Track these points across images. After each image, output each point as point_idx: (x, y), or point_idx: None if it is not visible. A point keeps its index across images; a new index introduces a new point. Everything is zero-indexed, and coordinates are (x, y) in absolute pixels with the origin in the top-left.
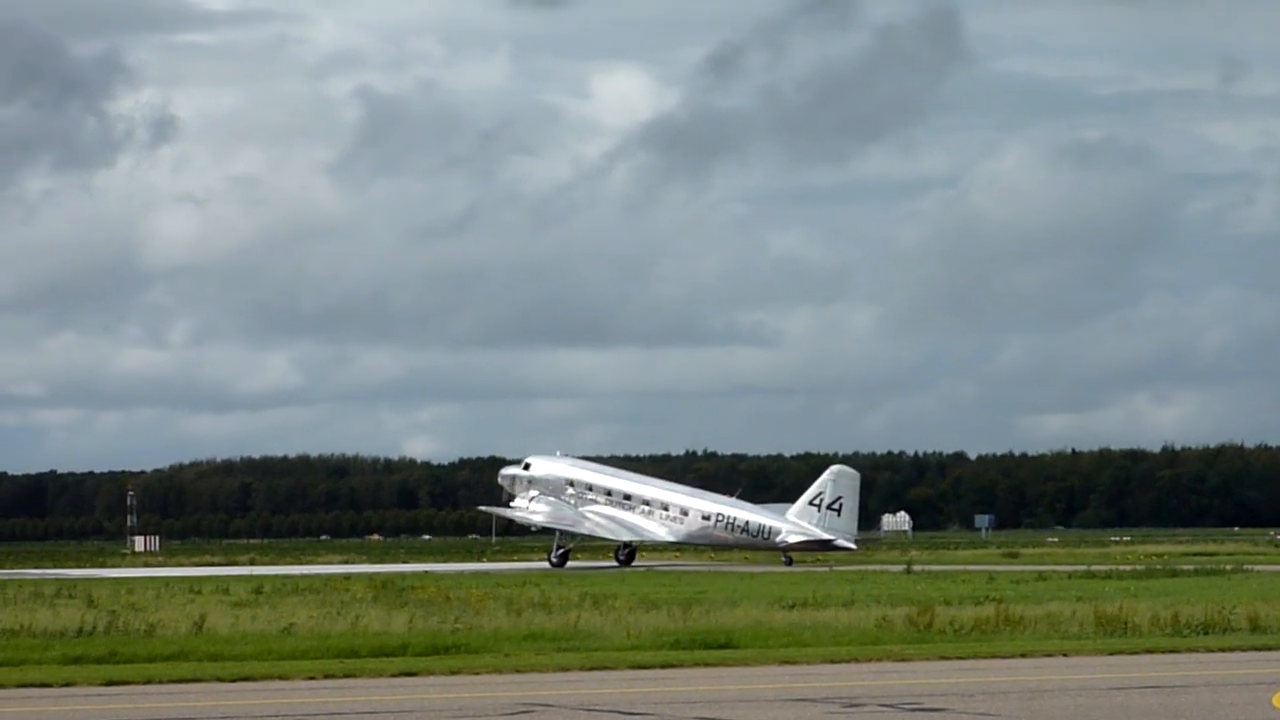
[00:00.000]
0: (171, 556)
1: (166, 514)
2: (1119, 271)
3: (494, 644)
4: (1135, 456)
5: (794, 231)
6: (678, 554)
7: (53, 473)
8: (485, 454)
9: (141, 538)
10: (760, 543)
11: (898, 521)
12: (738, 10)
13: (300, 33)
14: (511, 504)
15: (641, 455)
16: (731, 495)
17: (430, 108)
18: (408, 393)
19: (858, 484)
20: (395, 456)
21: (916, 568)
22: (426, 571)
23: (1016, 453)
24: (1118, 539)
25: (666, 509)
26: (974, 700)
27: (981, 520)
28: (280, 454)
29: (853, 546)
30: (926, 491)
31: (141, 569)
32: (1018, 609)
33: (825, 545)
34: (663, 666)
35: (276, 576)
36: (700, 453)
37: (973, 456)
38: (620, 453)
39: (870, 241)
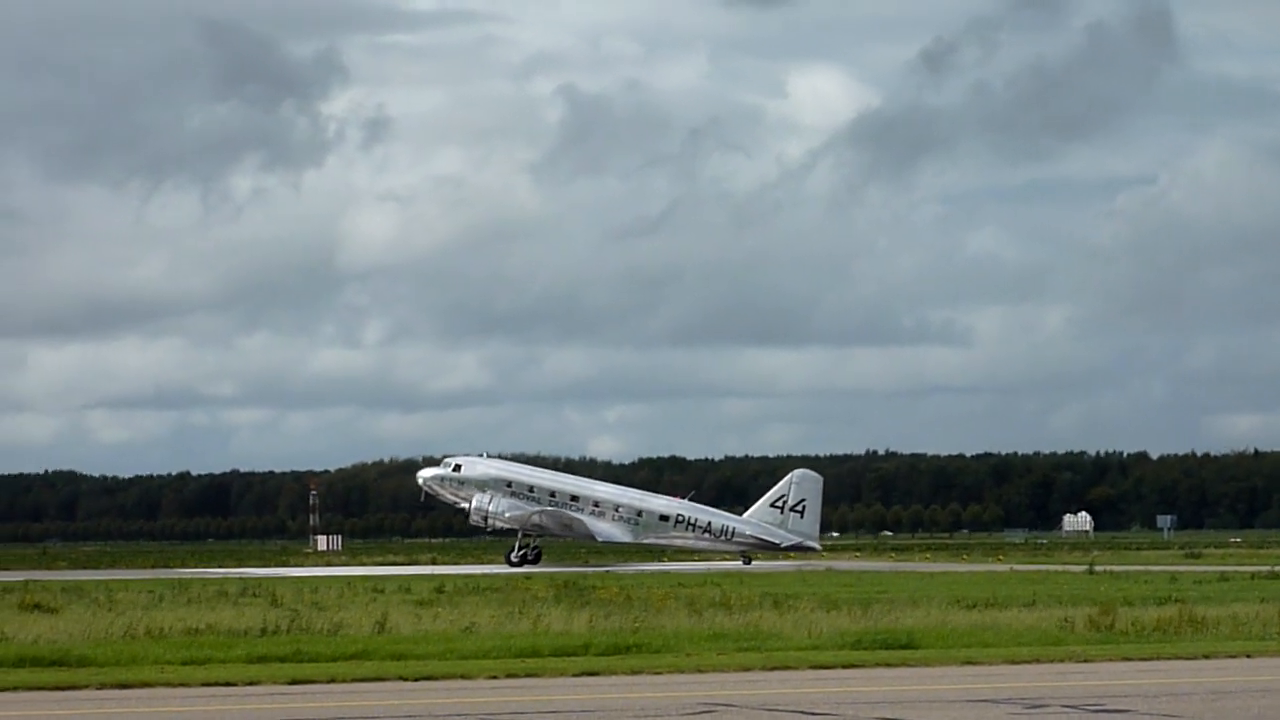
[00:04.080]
0: (354, 556)
1: (349, 513)
2: None
3: (675, 644)
4: None
5: (991, 230)
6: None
7: (236, 472)
8: (665, 453)
9: (324, 537)
10: (721, 544)
11: (1079, 521)
12: (943, 8)
13: (504, 33)
14: (461, 504)
15: (821, 455)
16: (683, 497)
17: (631, 107)
18: (595, 392)
19: (820, 487)
20: (577, 456)
21: (1098, 568)
22: (608, 571)
23: (1199, 453)
24: None
25: (618, 509)
26: (1157, 701)
27: (1163, 520)
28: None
29: (818, 548)
30: (1108, 491)
31: (324, 568)
32: (1201, 610)
33: (794, 547)
34: (844, 667)
35: (458, 576)
36: (881, 452)
37: (1155, 456)
38: (799, 453)
39: (1066, 240)
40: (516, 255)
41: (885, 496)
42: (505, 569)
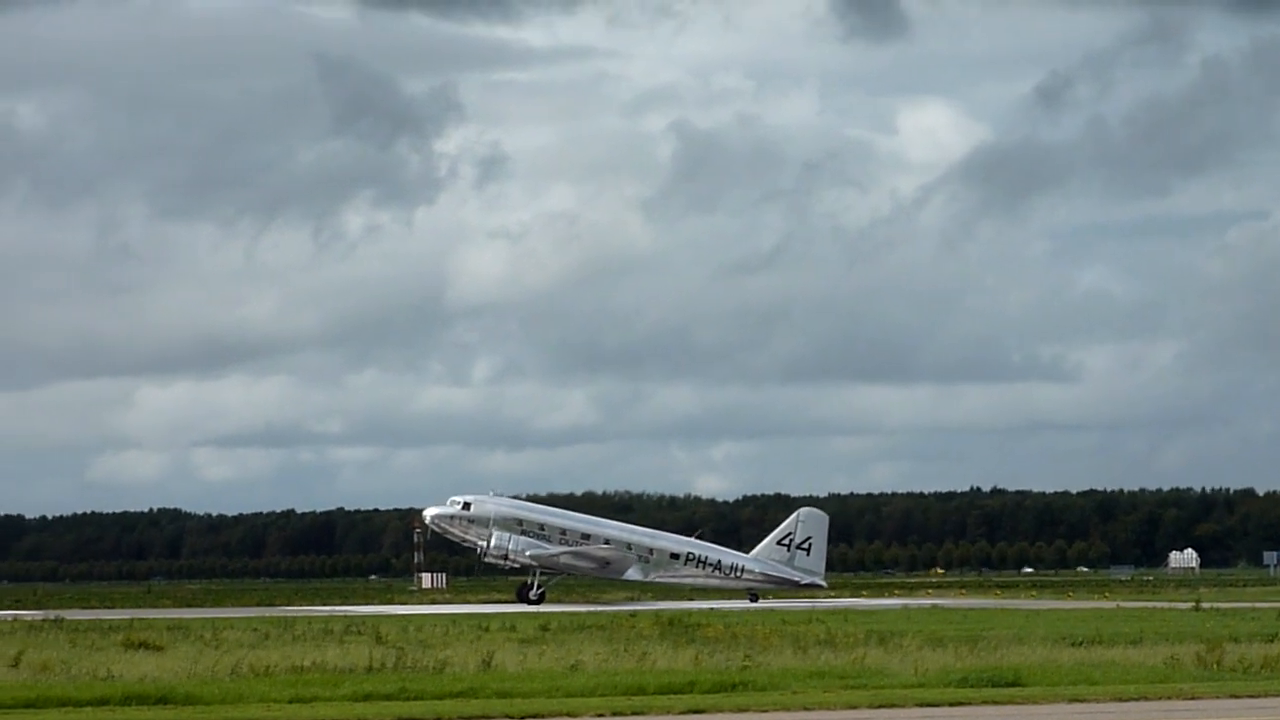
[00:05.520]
0: (458, 593)
1: (454, 550)
2: None
3: (781, 681)
4: None
5: (1102, 266)
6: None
7: (341, 510)
8: (770, 491)
9: (428, 575)
10: (731, 581)
11: (1185, 558)
12: (1058, 45)
13: (616, 69)
14: (469, 542)
15: (926, 492)
16: (693, 536)
17: (743, 143)
18: (702, 429)
19: (826, 525)
20: (681, 494)
21: (1205, 605)
22: (712, 609)
23: None
24: None
25: (629, 548)
26: None
27: (1270, 556)
28: (566, 491)
29: (823, 585)
30: (1213, 528)
31: (428, 606)
32: None
33: (797, 585)
34: (951, 704)
35: (563, 613)
36: (986, 489)
37: (1261, 493)
38: (904, 489)
39: (1178, 275)
40: (626, 292)
41: (990, 533)
42: (612, 607)
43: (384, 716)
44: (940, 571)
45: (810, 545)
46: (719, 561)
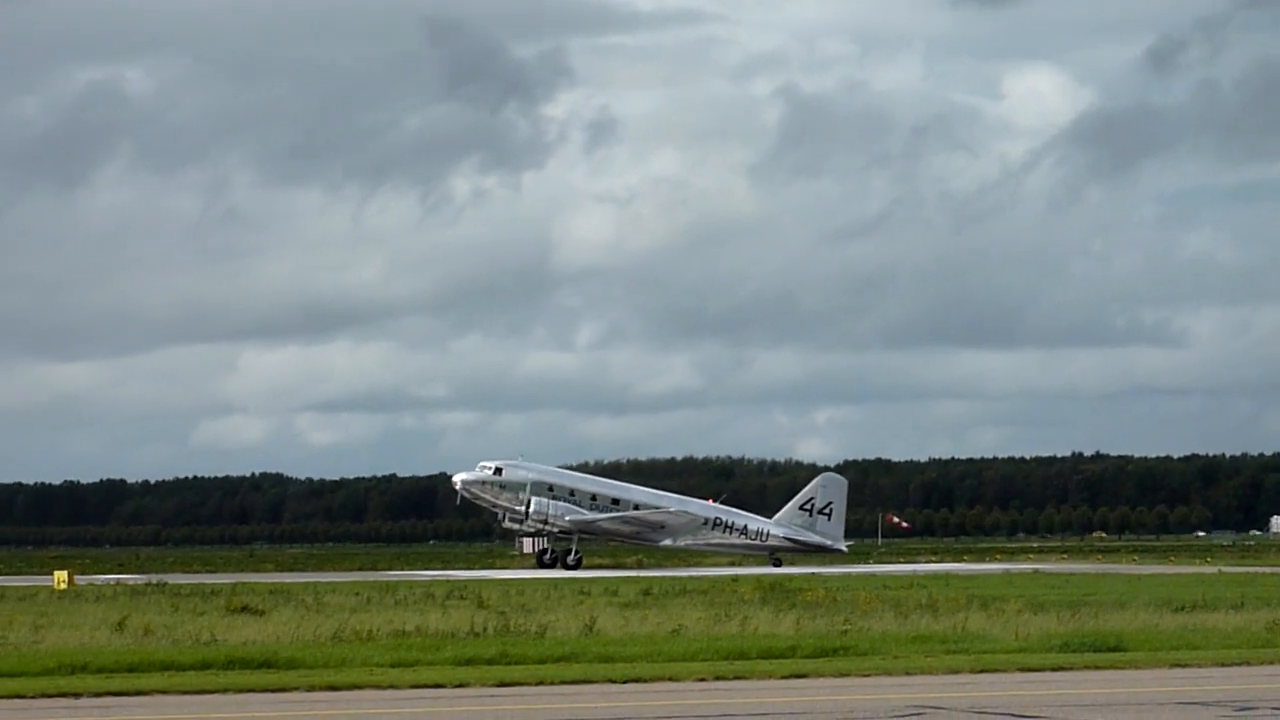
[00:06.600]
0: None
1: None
2: None
3: (882, 646)
4: None
5: (1209, 230)
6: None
7: (443, 474)
8: (871, 455)
9: (530, 539)
10: (756, 546)
11: None
12: (1169, 8)
13: (723, 34)
14: (501, 508)
15: (1028, 457)
16: (713, 501)
17: (849, 108)
18: (804, 394)
19: (845, 490)
20: (783, 459)
21: None
22: (813, 574)
23: None
24: None
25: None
26: None
27: None
28: (668, 456)
29: (844, 550)
30: None
31: (530, 570)
32: None
33: (820, 549)
34: (1053, 669)
35: (664, 578)
36: (1088, 454)
37: None
38: (1004, 454)
39: None
40: (731, 257)
41: (1092, 498)
42: (713, 570)
43: (486, 681)
44: (1102, 535)
45: (831, 510)
46: (745, 526)
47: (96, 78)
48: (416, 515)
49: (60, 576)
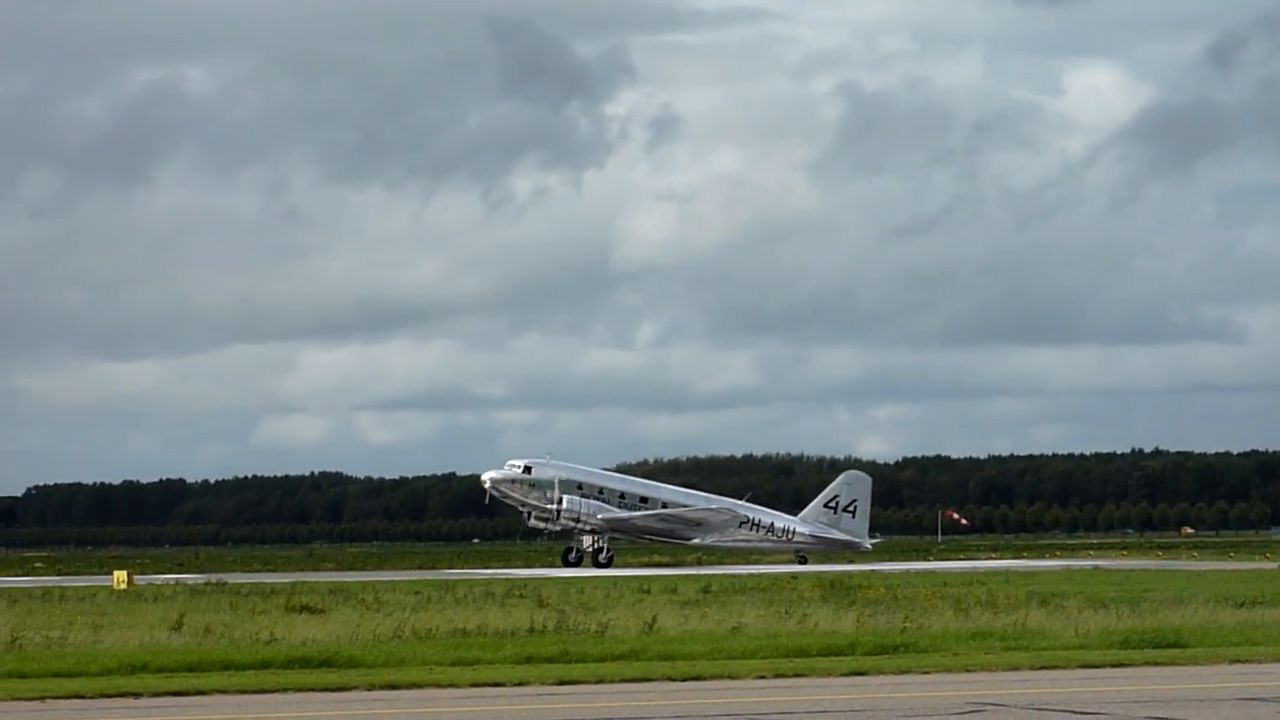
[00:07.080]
0: (619, 556)
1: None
2: None
3: (942, 643)
4: None
5: (1270, 226)
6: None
7: None
8: (930, 453)
9: (589, 537)
10: (784, 544)
11: None
12: (1229, 5)
13: (784, 31)
14: (530, 505)
15: (1087, 454)
16: (741, 500)
17: (910, 105)
18: (864, 392)
19: (869, 488)
20: (842, 456)
21: None
22: (873, 571)
23: None
24: None
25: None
26: None
27: None
28: (727, 454)
29: (869, 547)
30: None
31: (589, 569)
32: None
33: (846, 546)
34: (1113, 666)
35: (724, 576)
36: (1147, 451)
37: None
38: (1064, 451)
39: None
40: (791, 254)
41: (1151, 495)
42: (773, 568)
43: (546, 679)
44: (1190, 531)
45: (855, 508)
46: (771, 524)
47: (157, 77)
48: (476, 514)
49: (120, 576)
